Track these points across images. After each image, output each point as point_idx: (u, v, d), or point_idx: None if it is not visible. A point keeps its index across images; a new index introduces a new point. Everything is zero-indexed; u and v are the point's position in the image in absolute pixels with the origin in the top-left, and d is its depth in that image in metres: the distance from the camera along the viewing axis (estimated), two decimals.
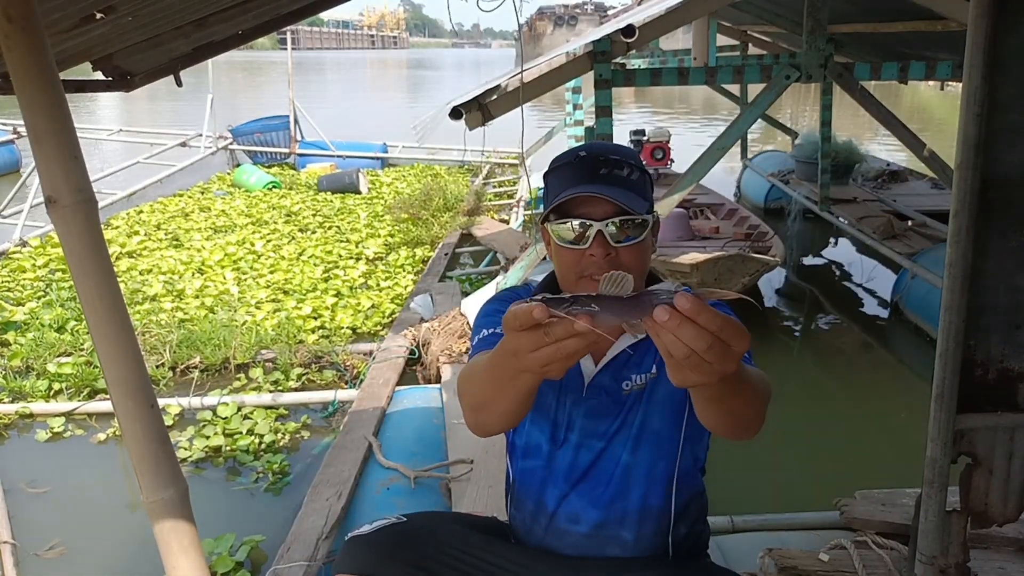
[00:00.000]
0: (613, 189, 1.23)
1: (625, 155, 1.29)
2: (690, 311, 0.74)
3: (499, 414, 1.08)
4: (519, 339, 0.81)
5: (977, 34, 1.47)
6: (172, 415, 3.70)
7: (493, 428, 1.16)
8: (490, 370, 0.99)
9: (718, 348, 0.75)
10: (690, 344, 0.74)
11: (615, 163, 1.26)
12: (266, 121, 11.24)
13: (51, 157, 1.26)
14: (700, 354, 0.75)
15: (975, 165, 1.51)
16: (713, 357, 0.75)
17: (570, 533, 1.37)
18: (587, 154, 1.28)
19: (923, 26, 5.25)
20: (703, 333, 0.74)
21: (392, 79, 47.31)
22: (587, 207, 1.23)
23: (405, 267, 6.10)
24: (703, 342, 0.74)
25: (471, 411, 1.13)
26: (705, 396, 0.98)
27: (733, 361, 0.77)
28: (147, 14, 1.65)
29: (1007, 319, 1.60)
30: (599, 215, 1.23)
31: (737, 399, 0.97)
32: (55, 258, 6.15)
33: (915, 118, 17.41)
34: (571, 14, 63.03)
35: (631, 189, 1.25)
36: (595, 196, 1.22)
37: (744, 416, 1.03)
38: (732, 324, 0.76)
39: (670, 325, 0.74)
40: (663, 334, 0.75)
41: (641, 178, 1.28)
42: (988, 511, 1.68)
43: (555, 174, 1.31)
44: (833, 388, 4.30)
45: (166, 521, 1.46)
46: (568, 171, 1.28)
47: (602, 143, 1.37)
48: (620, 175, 1.25)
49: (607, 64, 4.13)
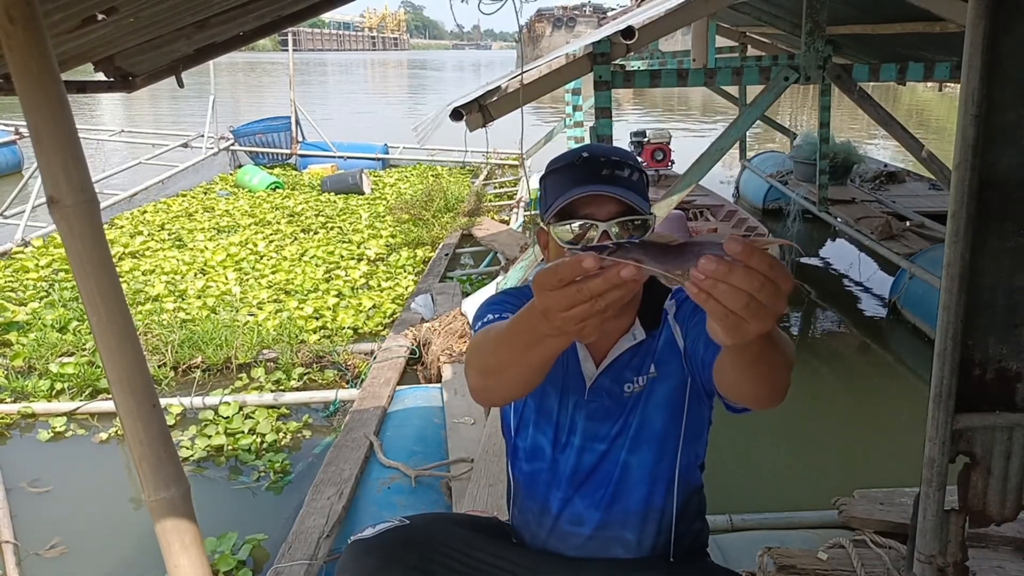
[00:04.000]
0: (617, 189, 1.23)
1: (624, 156, 1.29)
2: (742, 254, 0.72)
3: (511, 380, 1.04)
4: (552, 298, 0.78)
5: (975, 35, 1.48)
6: (174, 415, 3.71)
7: (499, 396, 1.14)
8: (511, 334, 0.96)
9: (770, 288, 0.73)
10: (744, 287, 0.72)
11: (616, 164, 1.26)
12: (267, 122, 11.25)
13: (53, 158, 1.27)
14: (755, 295, 0.72)
15: (973, 166, 1.51)
16: (766, 297, 0.73)
17: (573, 535, 1.38)
18: (589, 155, 1.28)
19: (921, 27, 5.26)
20: (754, 274, 0.72)
21: (393, 80, 47.31)
22: (590, 208, 1.23)
23: (406, 267, 6.11)
24: (756, 282, 0.72)
25: (480, 375, 1.09)
26: (746, 360, 0.94)
27: (783, 300, 0.75)
28: (149, 15, 1.66)
29: (1005, 319, 1.60)
30: (603, 216, 1.22)
31: (773, 360, 0.94)
32: (57, 258, 6.16)
33: (913, 119, 17.41)
34: (570, 16, 62.96)
35: (633, 189, 1.25)
36: (598, 196, 1.22)
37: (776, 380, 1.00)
38: (779, 263, 0.74)
39: (720, 272, 0.72)
40: (715, 287, 0.73)
41: (641, 179, 1.28)
42: (986, 510, 1.69)
43: (555, 176, 1.29)
44: (831, 388, 4.30)
45: (168, 520, 1.47)
46: (569, 173, 1.27)
47: (601, 145, 1.37)
48: (622, 176, 1.25)
49: (606, 66, 4.14)
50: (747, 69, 4.66)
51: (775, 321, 0.76)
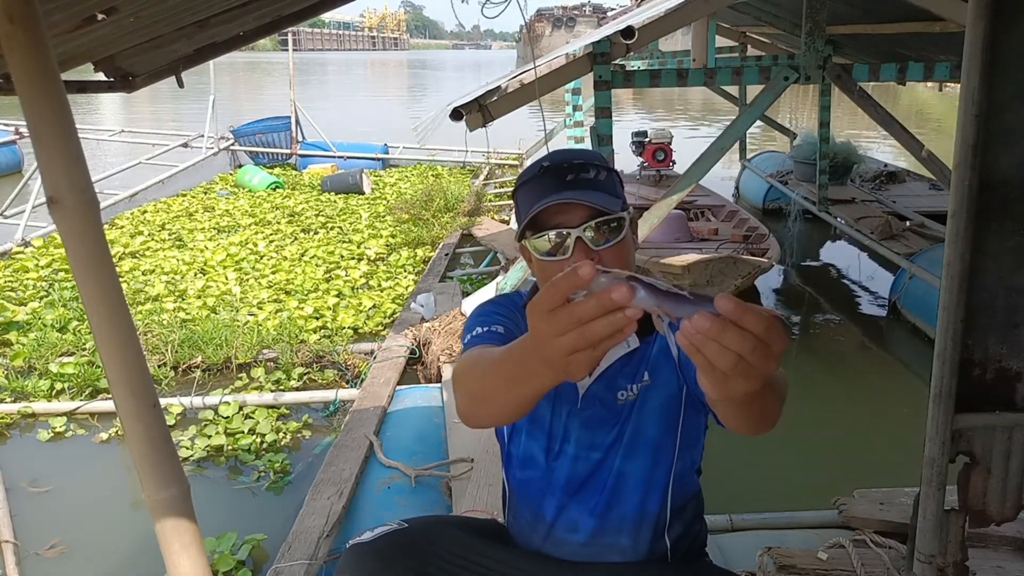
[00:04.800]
0: (583, 192, 1.21)
1: (588, 157, 1.27)
2: (734, 312, 0.69)
3: (497, 409, 1.03)
4: (546, 320, 0.75)
5: (975, 35, 1.48)
6: (174, 414, 3.71)
7: (485, 423, 1.13)
8: (501, 366, 0.94)
9: (761, 351, 0.70)
10: (735, 348, 0.70)
11: (580, 167, 1.24)
12: (267, 122, 11.25)
13: (53, 158, 1.27)
14: (746, 357, 0.70)
15: (973, 166, 1.51)
16: (757, 360, 0.71)
17: (568, 542, 1.37)
18: (550, 164, 1.26)
19: (921, 27, 5.26)
20: (747, 336, 0.69)
21: (393, 80, 47.31)
22: (561, 216, 1.21)
23: (406, 267, 6.11)
24: (748, 344, 0.70)
25: (469, 400, 1.07)
26: (736, 402, 0.92)
27: (775, 362, 0.72)
28: (149, 15, 1.66)
29: (1005, 319, 1.60)
30: (575, 222, 1.20)
31: (765, 401, 0.93)
32: (57, 258, 6.16)
33: (913, 119, 17.42)
34: (569, 16, 62.92)
35: (600, 190, 1.23)
36: (567, 203, 1.20)
37: (769, 414, 0.99)
38: (775, 324, 0.71)
39: (713, 331, 0.69)
40: (706, 345, 0.70)
41: (609, 177, 1.26)
42: (986, 510, 1.69)
43: (523, 190, 1.28)
44: (832, 388, 4.30)
45: (167, 520, 1.47)
46: (535, 184, 1.25)
47: (564, 150, 1.34)
48: (587, 178, 1.23)
49: (607, 65, 4.14)
50: (747, 69, 4.66)
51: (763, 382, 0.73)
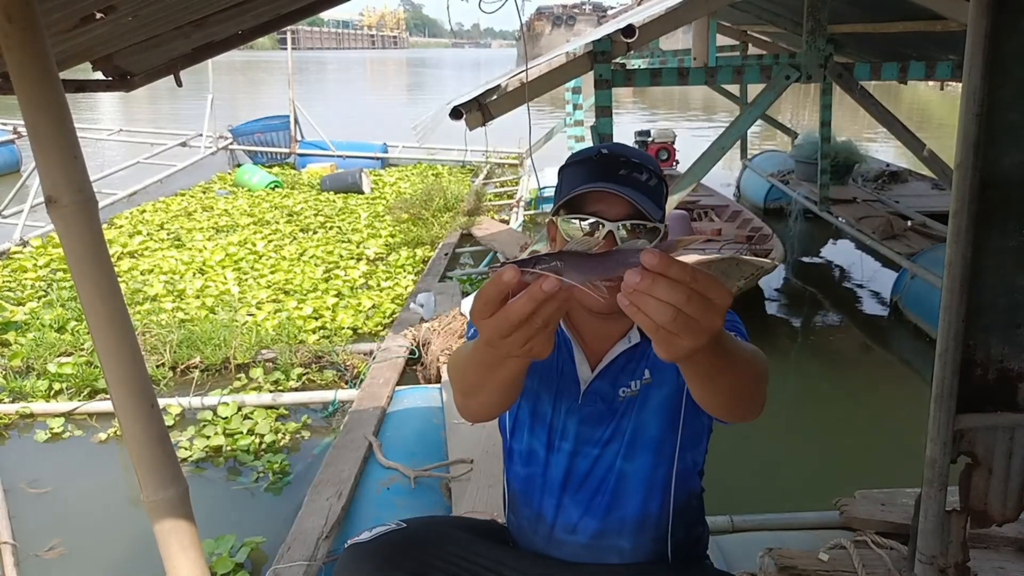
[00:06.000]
0: (630, 190, 1.20)
1: (645, 160, 1.26)
2: (658, 266, 0.70)
3: (487, 398, 1.08)
4: (488, 327, 0.77)
5: (977, 34, 1.47)
6: (172, 415, 3.70)
7: (481, 414, 1.16)
8: (476, 357, 0.98)
9: (697, 301, 0.71)
10: (669, 300, 0.70)
11: (635, 166, 1.23)
12: (266, 121, 11.24)
13: (51, 157, 1.26)
14: (682, 309, 0.70)
15: (974, 165, 1.51)
16: (695, 311, 0.71)
17: (568, 543, 1.37)
18: (608, 152, 1.26)
19: (923, 26, 5.25)
20: (678, 287, 0.70)
21: (392, 79, 47.31)
22: (601, 205, 1.20)
23: (405, 267, 6.10)
24: (681, 295, 0.70)
25: (461, 396, 1.13)
26: (699, 373, 0.92)
27: (718, 315, 0.73)
28: (147, 14, 1.65)
29: (1006, 319, 1.60)
30: (613, 215, 1.20)
31: (732, 374, 0.93)
32: (56, 258, 6.15)
33: (914, 118, 17.41)
34: (569, 14, 62.91)
35: (648, 195, 1.22)
36: (610, 194, 1.19)
37: (742, 394, 0.99)
38: (705, 274, 0.72)
39: (643, 285, 0.70)
40: (643, 301, 0.71)
41: (659, 186, 1.25)
42: (988, 511, 1.69)
43: (571, 169, 1.27)
44: (833, 388, 4.30)
45: (166, 521, 1.46)
46: (586, 167, 1.25)
47: (624, 145, 1.33)
48: (639, 178, 1.22)
49: (607, 64, 4.14)
50: (748, 68, 4.66)
51: (709, 336, 0.73)
